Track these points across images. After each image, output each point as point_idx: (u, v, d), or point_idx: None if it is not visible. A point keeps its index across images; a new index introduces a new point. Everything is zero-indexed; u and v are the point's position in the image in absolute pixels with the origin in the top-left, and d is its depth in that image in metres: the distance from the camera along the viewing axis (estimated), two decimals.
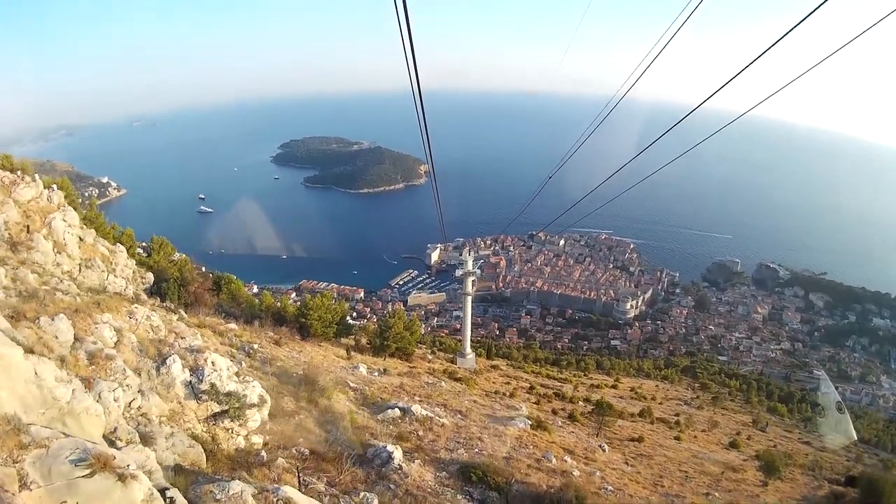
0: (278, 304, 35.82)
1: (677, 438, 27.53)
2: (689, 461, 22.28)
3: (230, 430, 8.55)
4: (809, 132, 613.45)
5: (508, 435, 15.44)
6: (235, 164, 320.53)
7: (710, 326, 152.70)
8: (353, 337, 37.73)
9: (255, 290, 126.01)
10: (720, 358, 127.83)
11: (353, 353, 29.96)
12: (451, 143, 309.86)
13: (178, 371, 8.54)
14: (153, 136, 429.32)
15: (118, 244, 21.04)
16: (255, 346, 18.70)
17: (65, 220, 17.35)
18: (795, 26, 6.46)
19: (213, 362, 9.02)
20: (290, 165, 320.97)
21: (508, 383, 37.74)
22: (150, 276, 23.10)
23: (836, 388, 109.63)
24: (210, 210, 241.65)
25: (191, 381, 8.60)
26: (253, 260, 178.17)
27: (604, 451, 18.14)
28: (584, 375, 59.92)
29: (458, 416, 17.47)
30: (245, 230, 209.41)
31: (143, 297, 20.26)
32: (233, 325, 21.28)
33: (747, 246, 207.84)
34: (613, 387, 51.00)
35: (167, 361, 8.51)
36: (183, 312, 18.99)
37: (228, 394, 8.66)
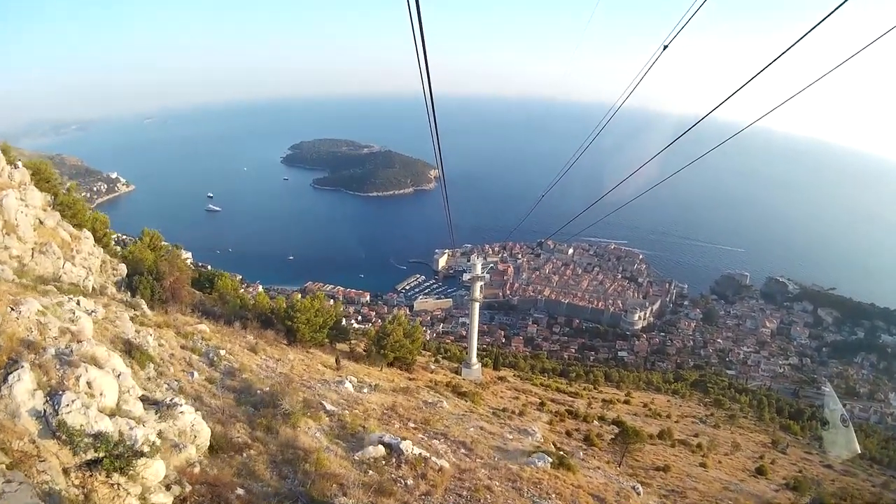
0: (272, 303, 32.53)
1: (703, 465, 25.18)
2: (722, 496, 19.95)
3: (116, 486, 5.65)
4: (821, 147, 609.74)
5: (525, 479, 12.36)
6: (245, 164, 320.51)
7: (719, 340, 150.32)
8: (348, 342, 35.15)
9: (260, 289, 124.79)
10: (728, 372, 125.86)
11: (343, 362, 27.06)
12: (462, 148, 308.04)
13: (23, 394, 5.66)
14: (164, 133, 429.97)
15: (84, 230, 18.90)
16: (223, 353, 16.24)
17: (22, 200, 15.32)
18: (805, 34, 6.51)
19: (88, 382, 6.14)
20: (299, 166, 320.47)
21: (517, 398, 35.41)
22: (124, 268, 21.09)
23: (845, 405, 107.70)
24: (218, 209, 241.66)
25: (44, 412, 5.67)
26: (260, 260, 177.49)
27: (638, 493, 14.95)
28: (595, 389, 57.71)
29: (462, 450, 14.30)
30: (253, 230, 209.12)
31: (111, 290, 18.15)
32: (204, 326, 18.77)
33: (756, 259, 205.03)
34: (626, 402, 48.66)
35: (8, 378, 5.65)
36: (146, 308, 16.97)
37: (97, 436, 5.68)
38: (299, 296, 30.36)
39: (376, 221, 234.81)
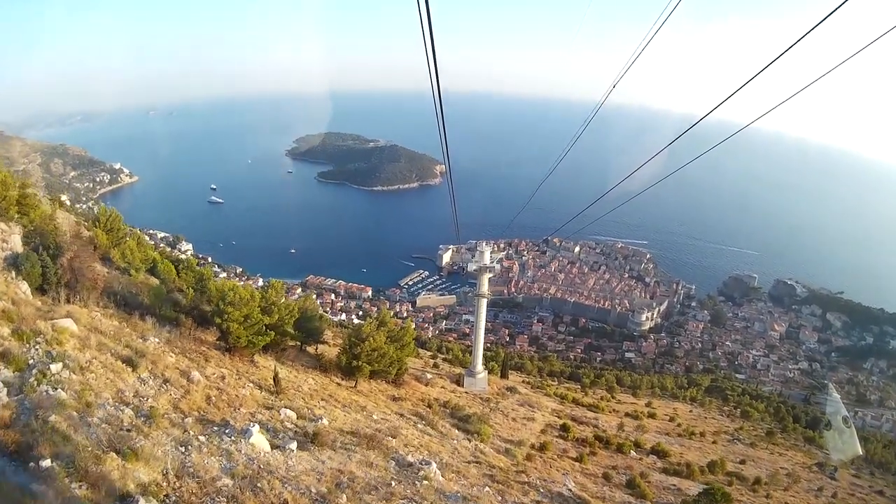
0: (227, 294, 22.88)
1: None
2: None
3: None
4: (823, 149, 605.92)
5: None
6: (249, 157, 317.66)
7: (727, 342, 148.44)
8: (315, 346, 30.10)
9: (260, 283, 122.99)
10: (738, 376, 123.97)
11: (300, 377, 21.35)
12: (468, 145, 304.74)
13: None
14: (168, 125, 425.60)
15: None
16: (56, 368, 10.67)
17: None
18: (807, 33, 6.54)
19: None
20: (304, 160, 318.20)
21: (532, 419, 32.15)
22: (17, 240, 17.73)
23: (856, 412, 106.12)
24: (221, 201, 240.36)
25: None
26: (262, 253, 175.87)
27: None
28: (613, 398, 55.41)
29: None
30: (256, 222, 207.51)
31: None
32: (69, 322, 13.59)
33: (764, 261, 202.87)
34: (651, 416, 46.16)
35: None
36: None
37: None
38: (233, 283, 23.93)
39: (380, 216, 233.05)
